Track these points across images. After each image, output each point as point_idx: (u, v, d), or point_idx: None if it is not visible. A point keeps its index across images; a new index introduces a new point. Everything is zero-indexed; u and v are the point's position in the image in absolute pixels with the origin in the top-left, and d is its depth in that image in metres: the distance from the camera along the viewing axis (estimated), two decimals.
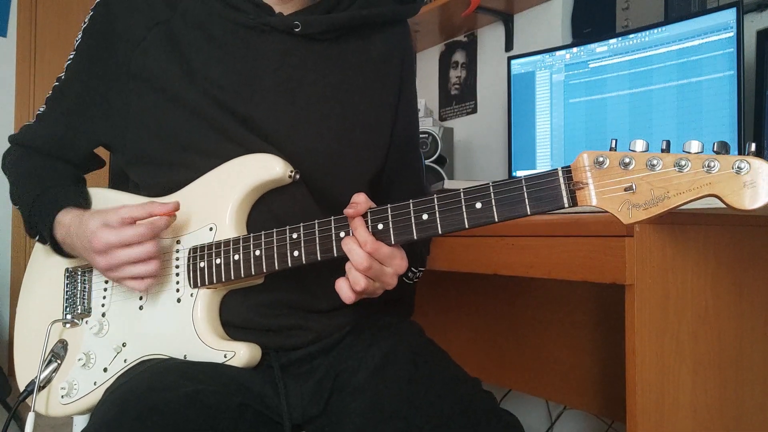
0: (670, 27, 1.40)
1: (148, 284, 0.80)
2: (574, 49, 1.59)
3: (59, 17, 3.08)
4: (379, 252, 0.71)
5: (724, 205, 0.60)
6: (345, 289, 0.73)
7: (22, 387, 0.92)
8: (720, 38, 1.31)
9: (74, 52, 0.94)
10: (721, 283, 0.97)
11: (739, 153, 1.26)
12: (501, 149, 2.03)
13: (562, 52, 1.62)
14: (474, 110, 2.20)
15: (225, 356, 0.79)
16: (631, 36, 1.47)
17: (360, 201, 0.72)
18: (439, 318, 1.88)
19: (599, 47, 1.53)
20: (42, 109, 0.97)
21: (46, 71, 3.04)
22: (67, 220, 0.86)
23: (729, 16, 1.30)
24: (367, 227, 0.71)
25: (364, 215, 0.72)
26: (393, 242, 0.71)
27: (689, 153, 0.60)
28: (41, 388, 0.89)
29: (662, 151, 0.61)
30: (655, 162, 0.60)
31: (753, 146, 0.58)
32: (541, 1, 1.93)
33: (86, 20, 0.93)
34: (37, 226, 0.89)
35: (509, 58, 1.73)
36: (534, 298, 1.59)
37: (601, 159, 0.63)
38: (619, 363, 0.89)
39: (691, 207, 0.88)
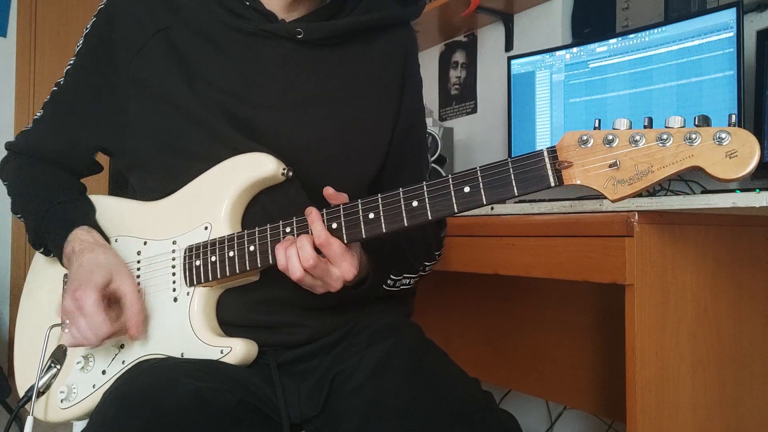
0: (670, 27, 1.40)
1: (75, 344, 0.81)
2: (574, 49, 1.59)
3: (59, 17, 3.08)
4: (331, 249, 0.72)
5: (712, 180, 0.61)
6: (282, 260, 0.74)
7: (21, 393, 0.91)
8: (720, 38, 1.31)
9: (75, 58, 0.94)
10: (720, 282, 0.97)
11: None
12: (501, 149, 2.03)
13: (562, 52, 1.62)
14: (474, 110, 2.20)
15: (221, 352, 0.80)
16: (631, 36, 1.47)
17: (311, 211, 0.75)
18: (439, 318, 1.88)
19: (599, 47, 1.53)
20: (40, 114, 0.96)
21: (46, 71, 3.04)
22: (85, 237, 0.86)
23: (729, 16, 1.30)
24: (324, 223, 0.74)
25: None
26: (384, 230, 0.72)
27: (671, 127, 0.61)
28: (41, 393, 0.89)
29: (644, 127, 0.62)
30: (637, 138, 0.61)
31: (733, 117, 0.60)
32: (541, 1, 1.93)
33: (88, 26, 0.93)
34: (46, 238, 0.89)
35: (509, 58, 1.73)
36: (534, 298, 1.59)
37: (585, 138, 0.64)
38: (619, 363, 0.89)
39: (690, 207, 0.88)
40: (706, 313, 0.95)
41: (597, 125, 0.65)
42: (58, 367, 0.89)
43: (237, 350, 0.80)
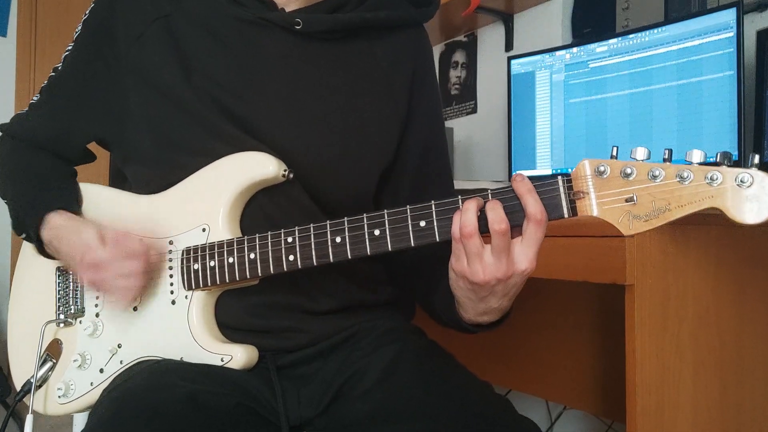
0: (670, 27, 1.40)
1: (130, 298, 0.81)
2: (574, 49, 1.59)
3: (59, 17, 3.08)
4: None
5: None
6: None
7: (18, 387, 0.91)
8: (720, 38, 1.31)
9: (73, 44, 0.93)
10: (721, 283, 0.96)
11: (739, 155, 1.26)
12: (501, 149, 2.03)
13: (562, 52, 1.61)
14: (474, 110, 2.20)
15: (222, 360, 0.79)
16: (631, 36, 1.47)
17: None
18: None
19: (599, 47, 1.53)
20: (36, 99, 0.95)
21: (46, 71, 3.00)
22: (58, 223, 0.84)
23: (729, 16, 1.29)
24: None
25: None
26: (390, 249, 0.70)
27: (691, 164, 0.59)
28: (38, 387, 0.89)
29: (664, 160, 0.60)
30: (656, 173, 0.59)
31: (756, 158, 0.57)
32: (541, 1, 1.93)
33: (87, 12, 0.91)
34: (24, 223, 0.88)
35: (509, 58, 1.73)
36: (534, 298, 1.59)
37: (602, 168, 0.62)
38: (619, 363, 0.89)
39: None
40: (708, 313, 0.94)
41: (614, 153, 0.62)
42: (54, 361, 0.89)
43: (238, 358, 0.79)
